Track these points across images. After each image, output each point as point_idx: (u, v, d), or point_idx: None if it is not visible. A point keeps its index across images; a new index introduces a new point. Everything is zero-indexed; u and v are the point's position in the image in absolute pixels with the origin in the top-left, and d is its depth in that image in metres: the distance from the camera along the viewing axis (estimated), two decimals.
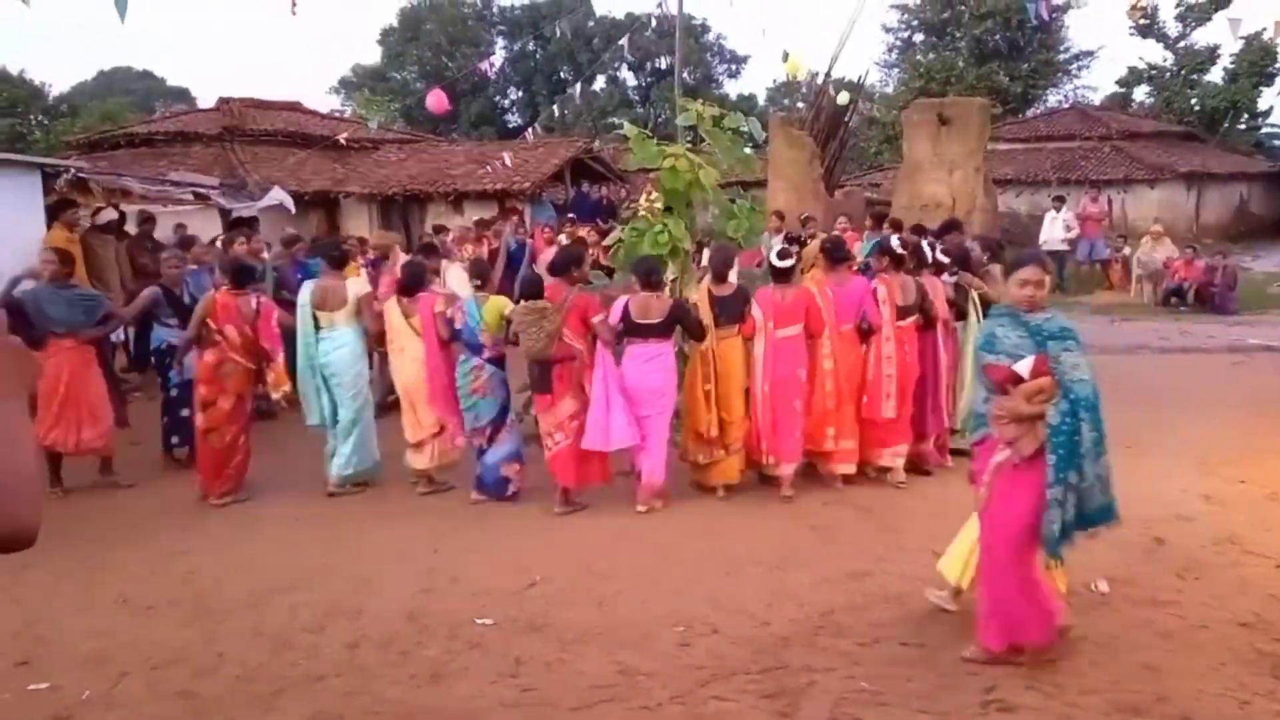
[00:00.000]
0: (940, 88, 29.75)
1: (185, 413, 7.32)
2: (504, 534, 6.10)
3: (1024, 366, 4.07)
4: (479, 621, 4.76)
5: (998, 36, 34.01)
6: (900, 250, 7.18)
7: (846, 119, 20.70)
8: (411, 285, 6.94)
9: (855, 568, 5.36)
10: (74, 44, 72.03)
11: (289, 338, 7.16)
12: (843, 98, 19.24)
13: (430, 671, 4.28)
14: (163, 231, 11.79)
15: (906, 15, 36.79)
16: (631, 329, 6.44)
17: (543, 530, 6.17)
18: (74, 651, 4.56)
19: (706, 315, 6.60)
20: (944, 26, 35.16)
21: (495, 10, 47.64)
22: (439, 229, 13.30)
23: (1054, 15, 31.76)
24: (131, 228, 11.60)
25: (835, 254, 7.15)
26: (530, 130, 20.69)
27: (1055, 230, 17.14)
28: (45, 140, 29.73)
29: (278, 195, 14.74)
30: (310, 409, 7.02)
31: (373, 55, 48.06)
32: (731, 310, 6.64)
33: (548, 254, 13.13)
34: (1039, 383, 4.06)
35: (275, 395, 7.02)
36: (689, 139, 9.13)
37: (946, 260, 7.46)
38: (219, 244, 10.69)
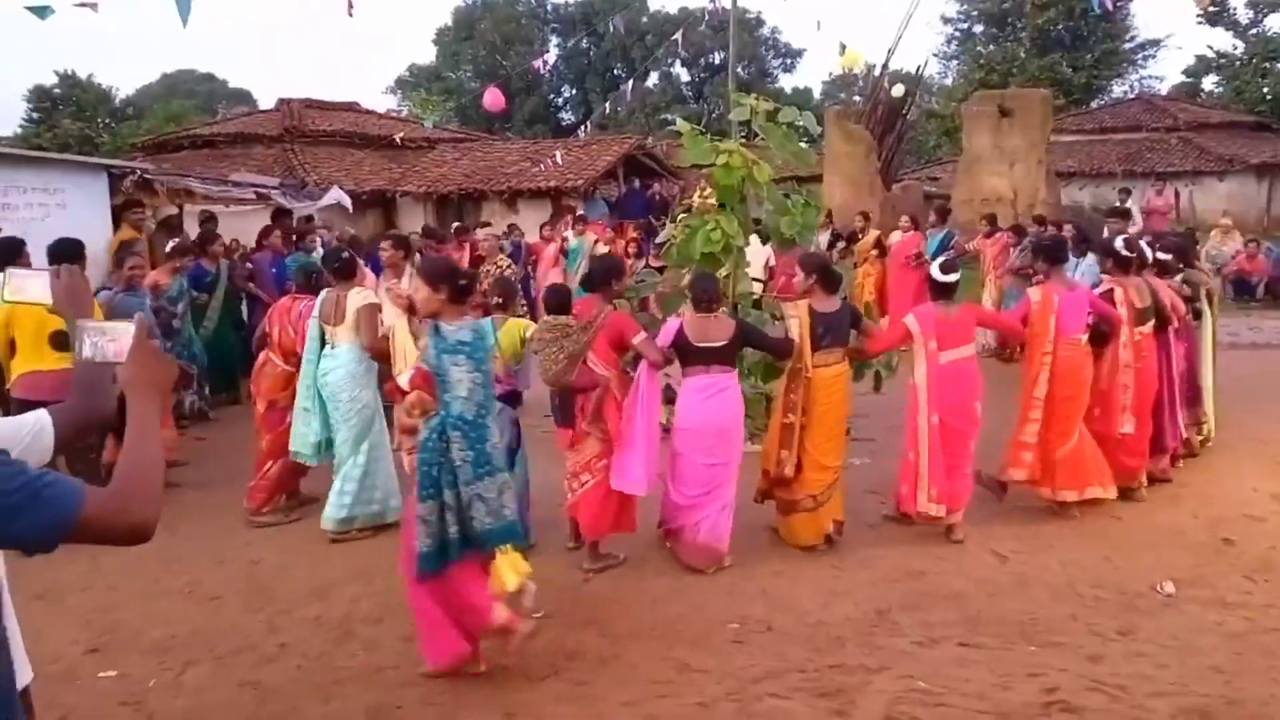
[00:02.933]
0: (1001, 79, 29.24)
1: None
2: (560, 530, 6.11)
3: (404, 379, 4.04)
4: (536, 615, 4.78)
5: (1060, 26, 33.32)
6: (1127, 251, 6.43)
7: (904, 112, 20.42)
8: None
9: (912, 566, 5.30)
10: (139, 48, 73.84)
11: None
12: (898, 90, 19.00)
13: (487, 663, 4.32)
14: (224, 230, 12.05)
15: (966, 6, 36.23)
16: (689, 355, 5.39)
17: None
18: (142, 640, 4.68)
19: (805, 335, 5.56)
20: (1005, 17, 34.54)
21: (549, 8, 47.86)
22: (460, 230, 13.09)
23: (1118, 4, 31.02)
24: (192, 227, 11.85)
25: (1055, 253, 6.23)
26: (583, 128, 20.77)
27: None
28: (112, 142, 30.53)
29: (336, 195, 14.98)
30: (292, 434, 6.21)
31: (428, 55, 48.59)
32: (836, 330, 5.61)
33: (549, 255, 13.14)
34: (411, 397, 4.06)
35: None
36: (743, 134, 9.07)
37: (1168, 258, 6.89)
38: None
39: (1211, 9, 29.57)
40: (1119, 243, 6.58)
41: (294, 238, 11.34)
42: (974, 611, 4.69)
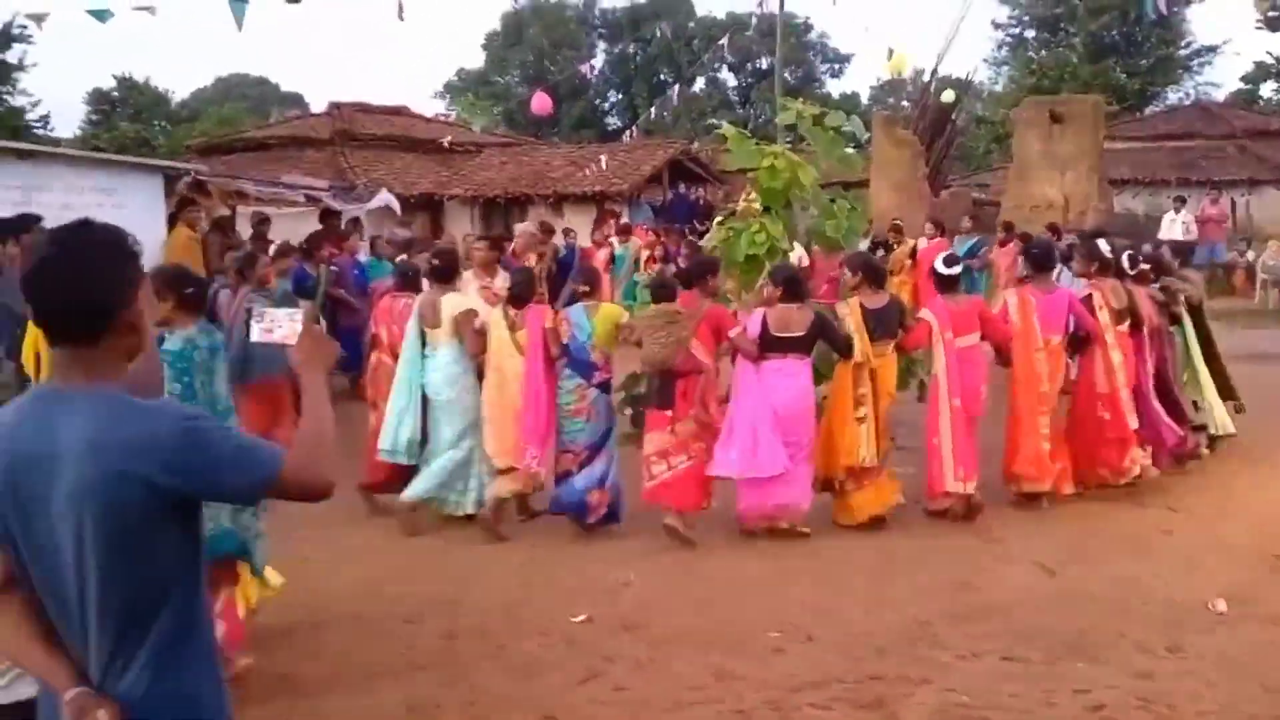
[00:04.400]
0: (1053, 85, 28.83)
1: None
2: (599, 533, 6.12)
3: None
4: (574, 619, 4.79)
5: (1114, 32, 32.80)
6: (1109, 254, 6.77)
7: (953, 117, 20.24)
8: (521, 295, 6.24)
9: (956, 578, 5.22)
10: (194, 52, 75.36)
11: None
12: (947, 96, 18.82)
13: (524, 665, 4.33)
14: (275, 232, 12.23)
15: (1017, 11, 35.80)
16: (769, 344, 5.81)
17: (637, 531, 6.17)
18: None
19: (859, 330, 5.98)
20: (1057, 22, 34.09)
21: (596, 13, 48.06)
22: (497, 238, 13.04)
23: (1174, 9, 30.43)
24: (245, 228, 12.04)
25: (1041, 259, 6.72)
26: (629, 132, 20.81)
27: (1173, 232, 16.49)
28: (168, 145, 31.16)
29: (385, 198, 15.15)
30: (385, 431, 6.25)
31: (476, 59, 48.99)
32: (887, 324, 6.06)
33: (600, 260, 13.12)
34: None
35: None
36: (789, 139, 9.04)
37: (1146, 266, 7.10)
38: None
39: (1271, 14, 28.90)
40: (1101, 244, 6.94)
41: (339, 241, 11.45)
42: (1019, 625, 4.61)
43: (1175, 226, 16.53)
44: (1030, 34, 36.06)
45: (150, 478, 1.72)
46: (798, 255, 9.97)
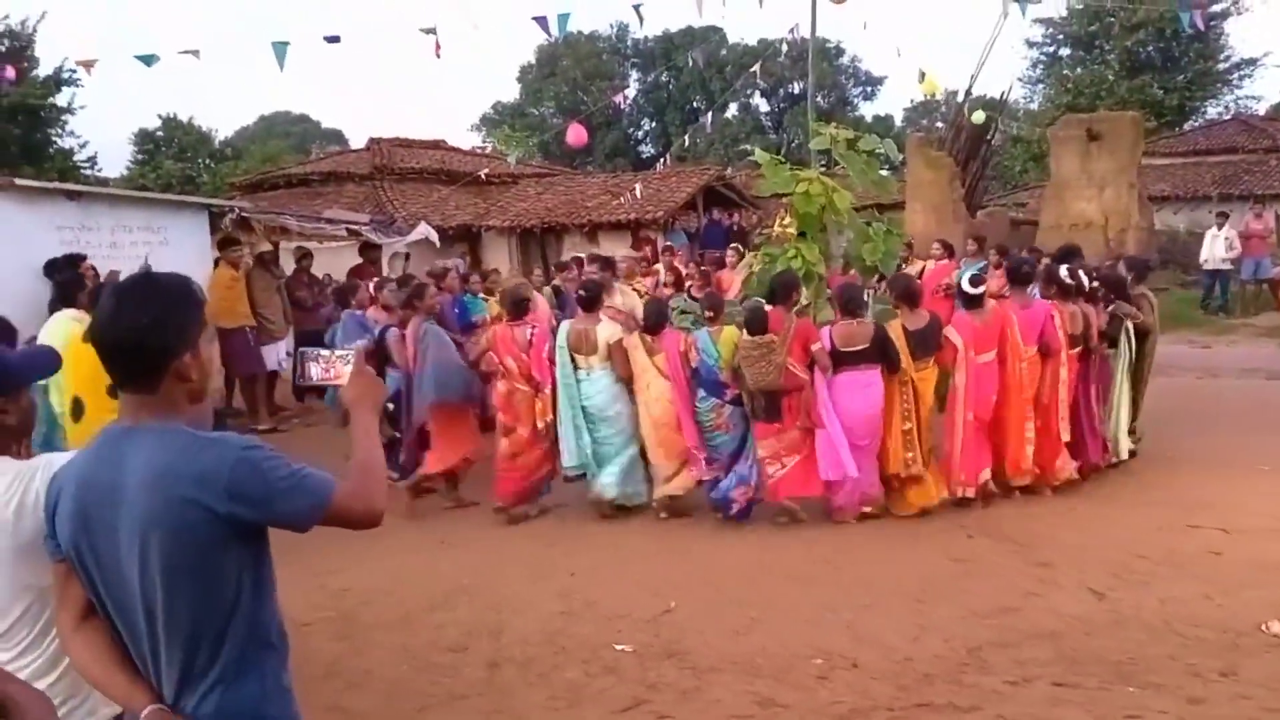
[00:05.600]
0: (1089, 103, 28.58)
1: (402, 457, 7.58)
2: (638, 558, 6.13)
3: None
4: (617, 647, 4.79)
5: (1150, 48, 32.48)
6: (1069, 280, 7.10)
7: (988, 137, 20.12)
8: (655, 323, 6.91)
9: (1003, 602, 5.15)
10: (237, 92, 77.01)
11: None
12: (980, 116, 18.71)
13: (568, 694, 4.33)
14: (317, 266, 12.43)
15: (1051, 30, 35.58)
16: (838, 358, 6.40)
17: (677, 556, 6.17)
18: None
19: (904, 350, 6.51)
20: (1092, 39, 33.82)
21: (629, 43, 48.52)
22: (581, 260, 13.25)
23: (1211, 23, 30.09)
24: (288, 262, 12.25)
25: (1019, 274, 7.11)
26: (662, 160, 20.91)
27: (1216, 249, 16.18)
28: (212, 182, 31.83)
29: (424, 230, 15.34)
30: (568, 450, 6.96)
31: (512, 92, 49.67)
32: (927, 342, 6.57)
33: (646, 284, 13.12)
34: None
35: (540, 424, 7.02)
36: (823, 163, 9.05)
37: (1100, 288, 7.38)
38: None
39: None
40: (1063, 271, 7.23)
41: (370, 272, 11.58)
42: (1069, 650, 4.53)
43: (1218, 243, 16.22)
44: (1065, 52, 35.78)
45: (211, 505, 1.83)
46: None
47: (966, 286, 6.84)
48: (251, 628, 1.95)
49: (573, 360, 6.94)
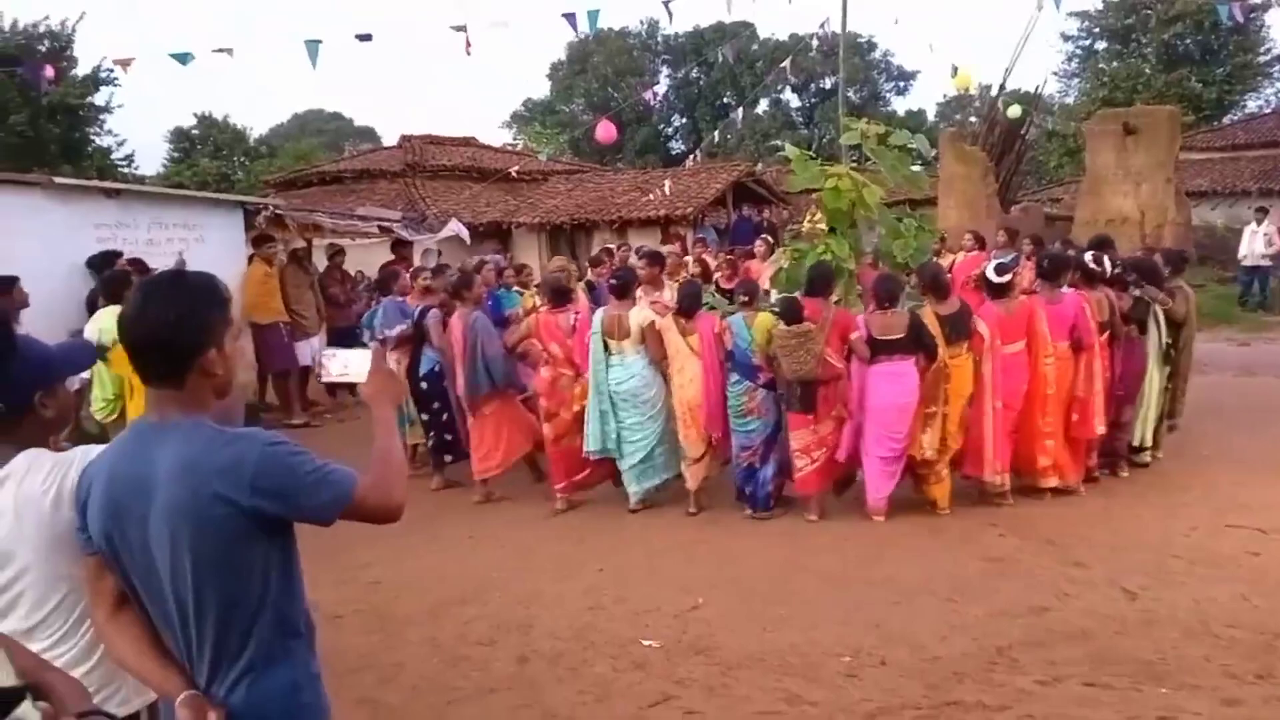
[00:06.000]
0: (1126, 96, 28.22)
1: (449, 436, 7.84)
2: (667, 554, 6.14)
3: None
4: (644, 642, 4.80)
5: (1188, 41, 32.00)
6: (1095, 266, 7.10)
7: (1023, 132, 19.91)
8: (690, 305, 6.99)
9: (1034, 601, 5.10)
10: (272, 90, 77.76)
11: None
12: (1015, 110, 18.52)
13: (596, 689, 4.35)
14: (349, 262, 12.54)
15: (1087, 23, 35.14)
16: (875, 347, 6.40)
17: (706, 553, 6.17)
18: None
19: (938, 335, 6.50)
20: (1128, 33, 33.37)
21: (660, 40, 48.47)
22: (612, 251, 13.25)
23: (1251, 15, 29.55)
24: (320, 259, 12.37)
25: (1051, 270, 7.02)
26: (692, 156, 20.88)
27: (1256, 244, 15.90)
28: (247, 180, 32.18)
29: (455, 227, 15.43)
30: (591, 434, 7.00)
31: (542, 89, 49.81)
32: (960, 328, 6.56)
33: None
34: None
35: (576, 408, 7.12)
36: (854, 158, 9.02)
37: (1127, 275, 7.32)
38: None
39: None
40: (1088, 258, 7.24)
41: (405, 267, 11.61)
42: (1100, 650, 4.49)
43: (1257, 239, 15.94)
44: (1101, 45, 35.34)
45: (236, 499, 1.88)
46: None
47: (992, 275, 6.82)
48: (280, 617, 2.00)
49: (605, 346, 6.99)
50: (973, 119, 35.39)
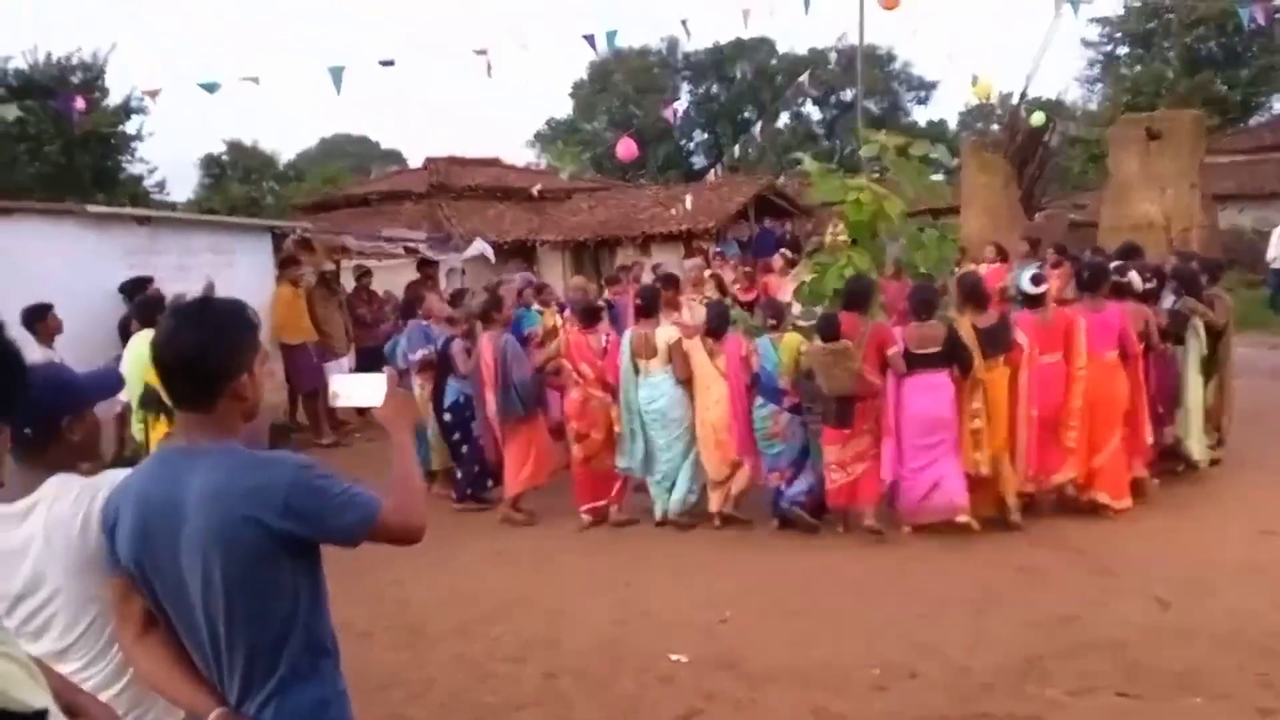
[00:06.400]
0: (1149, 101, 27.98)
1: (477, 468, 7.81)
2: (693, 569, 6.14)
3: None
4: (672, 657, 4.81)
5: (1211, 44, 31.72)
6: (1121, 279, 7.01)
7: (1046, 139, 19.81)
8: (718, 326, 6.95)
9: (1065, 612, 5.07)
10: (299, 116, 78.77)
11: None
12: (1037, 118, 18.45)
13: (624, 704, 4.37)
14: (376, 283, 12.65)
15: (1108, 28, 34.93)
16: (910, 360, 6.32)
17: (733, 566, 6.17)
18: None
19: (974, 348, 6.37)
20: (1150, 37, 33.14)
21: (680, 57, 48.63)
22: (627, 268, 13.35)
23: (1276, 16, 29.24)
24: (348, 281, 12.49)
25: (1092, 280, 6.92)
26: (713, 171, 20.93)
27: None
28: (276, 204, 32.54)
29: (480, 246, 15.54)
30: (622, 451, 7.06)
31: (565, 108, 50.02)
32: (997, 341, 6.43)
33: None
34: None
35: (618, 429, 7.09)
36: (875, 170, 9.02)
37: (1161, 286, 7.26)
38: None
39: None
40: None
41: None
42: (1132, 660, 4.45)
43: None
44: (1123, 50, 35.12)
45: (267, 521, 1.92)
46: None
47: (1027, 286, 6.74)
48: (309, 635, 2.04)
49: (634, 365, 6.99)
50: (995, 127, 35.24)
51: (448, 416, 7.86)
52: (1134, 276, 7.12)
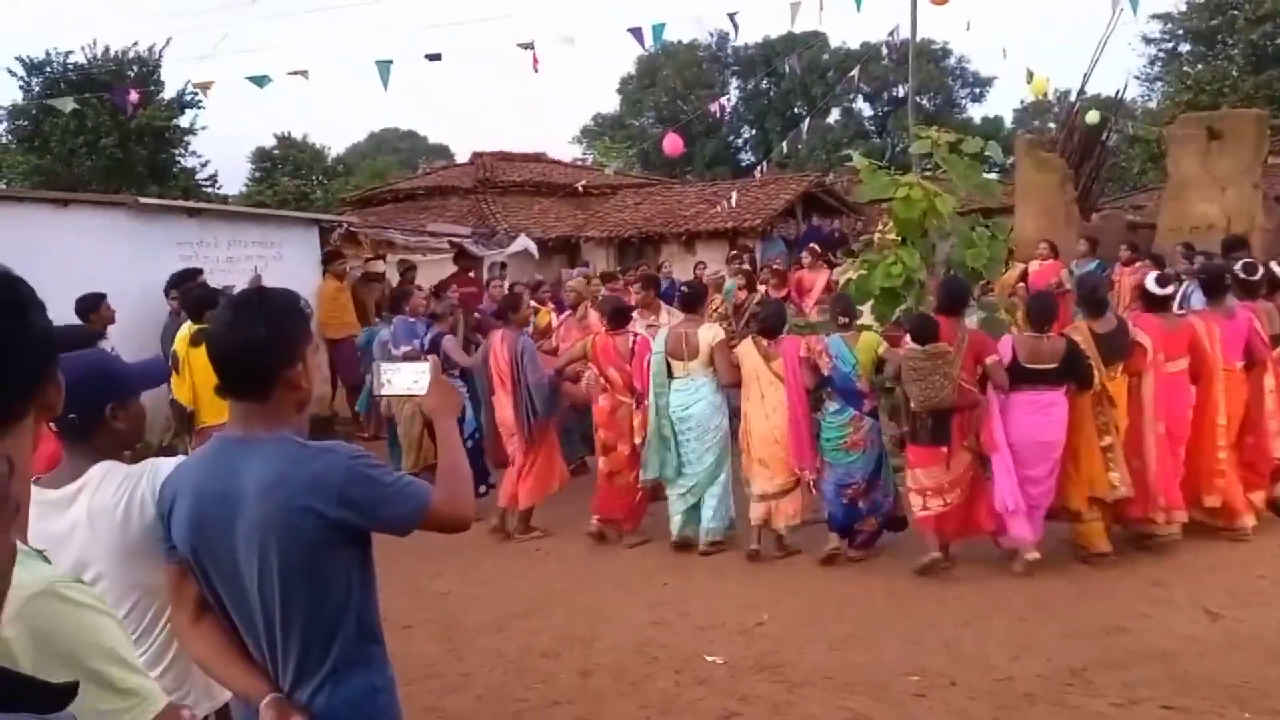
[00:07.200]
0: (1211, 100, 27.29)
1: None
2: (730, 570, 6.10)
3: None
4: (708, 658, 4.77)
5: (1278, 41, 30.86)
6: (1250, 276, 6.47)
7: (1103, 138, 19.41)
8: (773, 326, 6.36)
9: (1112, 622, 4.95)
10: (348, 110, 79.76)
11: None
12: (1094, 116, 18.08)
13: (660, 704, 4.34)
14: (421, 278, 12.74)
15: (1170, 25, 34.14)
16: (1019, 375, 5.65)
17: (772, 568, 6.12)
18: None
19: (1094, 356, 5.76)
20: (1214, 34, 32.32)
21: (729, 51, 48.42)
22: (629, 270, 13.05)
23: None
24: (392, 276, 12.60)
25: (1213, 283, 6.47)
26: (760, 168, 20.79)
27: None
28: (325, 198, 32.93)
29: (524, 242, 15.60)
30: (649, 462, 6.47)
31: (612, 104, 50.08)
32: (1117, 348, 5.84)
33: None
34: None
35: (638, 440, 6.60)
36: (926, 167, 8.89)
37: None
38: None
39: None
40: (1239, 267, 6.55)
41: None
42: (1180, 672, 4.33)
43: None
44: (1185, 48, 34.30)
45: (322, 510, 1.96)
46: None
47: (1154, 287, 6.12)
48: (360, 623, 2.07)
49: (668, 368, 6.47)
50: (1050, 125, 34.63)
51: None
52: (1275, 267, 6.61)
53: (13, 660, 1.47)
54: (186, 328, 6.75)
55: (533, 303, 9.20)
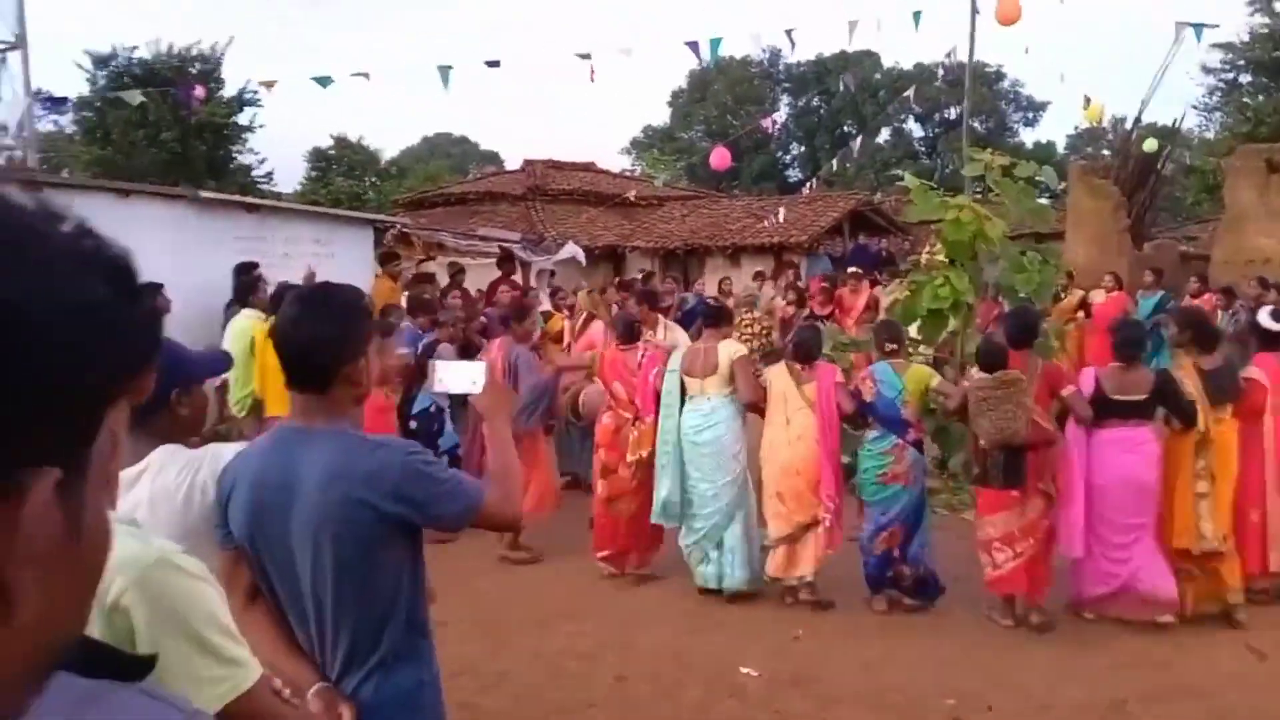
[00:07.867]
0: (1272, 132, 26.78)
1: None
2: (769, 583, 6.08)
3: None
4: (743, 670, 4.77)
5: None
6: (1273, 323, 5.93)
7: (1159, 167, 19.16)
8: (808, 350, 5.82)
9: (1155, 655, 4.89)
10: (404, 114, 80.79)
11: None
12: (1150, 144, 17.86)
13: (693, 712, 4.36)
14: (469, 281, 12.89)
15: (1231, 55, 33.59)
16: (1104, 408, 5.19)
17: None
18: None
19: (1198, 395, 5.27)
20: (1277, 65, 31.75)
21: (781, 68, 48.42)
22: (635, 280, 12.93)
23: None
24: (442, 276, 12.75)
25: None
26: (808, 185, 20.77)
27: None
28: (377, 199, 33.39)
29: (571, 249, 15.72)
30: (658, 498, 5.91)
31: (662, 116, 50.25)
32: (1225, 387, 5.38)
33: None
34: None
35: (630, 458, 6.12)
36: (978, 189, 8.84)
37: None
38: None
39: None
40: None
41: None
42: (1223, 708, 4.27)
43: None
44: (1246, 79, 33.72)
45: (378, 505, 1.98)
46: None
47: (1268, 322, 5.65)
48: (410, 617, 2.10)
49: (683, 386, 5.91)
50: (1105, 152, 34.22)
51: (413, 424, 7.13)
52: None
53: (130, 625, 1.56)
54: (257, 319, 6.88)
55: (548, 306, 9.16)
